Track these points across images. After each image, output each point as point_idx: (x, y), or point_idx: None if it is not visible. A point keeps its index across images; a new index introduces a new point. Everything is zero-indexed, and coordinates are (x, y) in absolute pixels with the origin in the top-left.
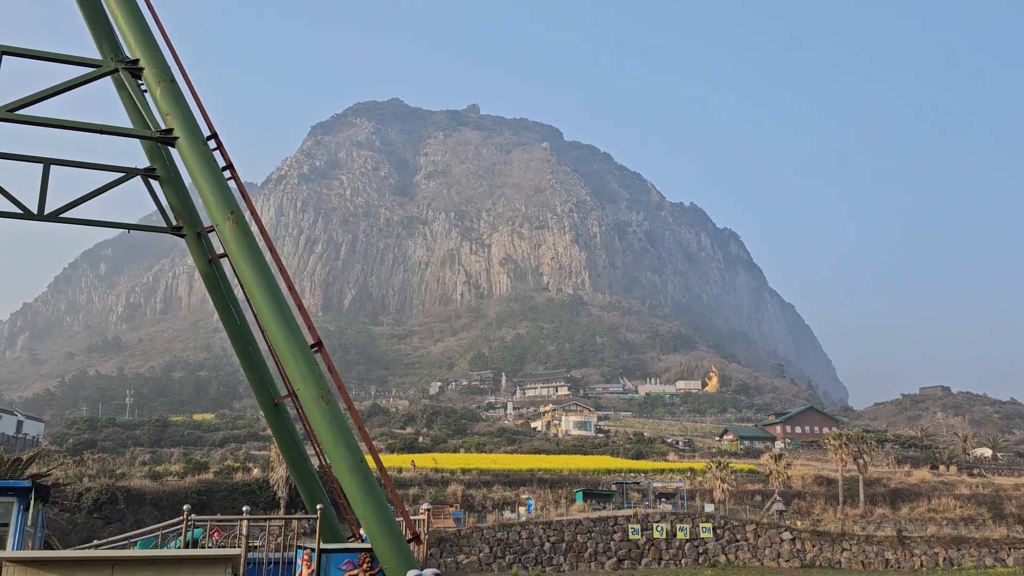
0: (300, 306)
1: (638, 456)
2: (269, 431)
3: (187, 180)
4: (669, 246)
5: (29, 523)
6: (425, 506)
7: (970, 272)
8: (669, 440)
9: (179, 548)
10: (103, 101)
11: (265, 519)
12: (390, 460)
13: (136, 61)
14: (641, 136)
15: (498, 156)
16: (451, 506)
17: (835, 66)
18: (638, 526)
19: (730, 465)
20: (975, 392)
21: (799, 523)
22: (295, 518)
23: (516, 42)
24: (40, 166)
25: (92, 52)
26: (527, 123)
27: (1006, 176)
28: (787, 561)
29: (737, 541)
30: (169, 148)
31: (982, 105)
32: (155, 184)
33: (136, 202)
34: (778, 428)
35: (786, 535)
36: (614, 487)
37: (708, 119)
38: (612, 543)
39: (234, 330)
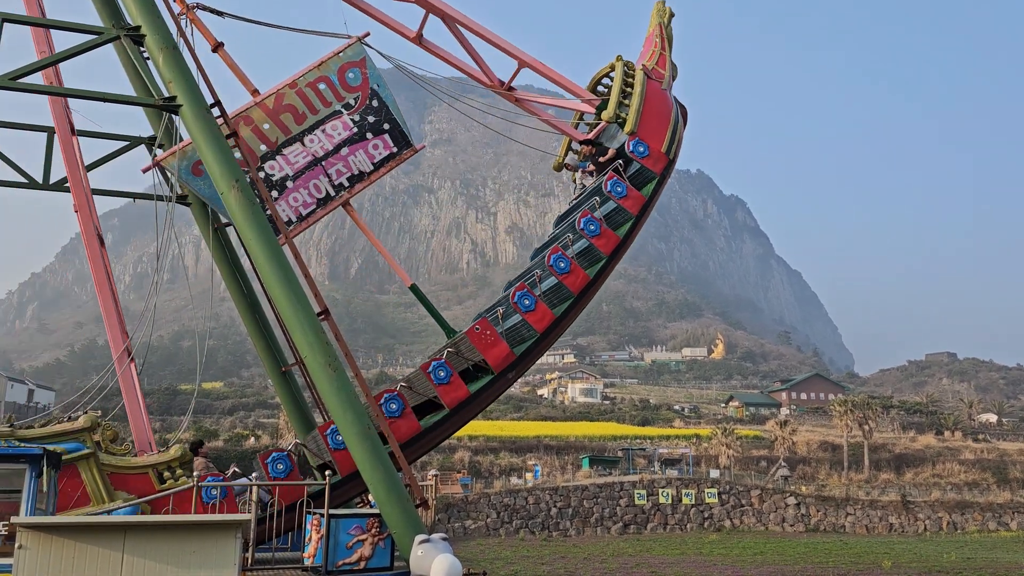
0: (306, 275)
1: (644, 423)
2: (277, 399)
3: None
4: (675, 213)
5: (42, 489)
6: (433, 472)
7: (977, 245)
8: (675, 407)
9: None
10: (107, 70)
11: (274, 485)
12: None
13: (138, 28)
14: None
15: (503, 123)
16: (458, 472)
17: (842, 37)
18: (644, 492)
19: (735, 431)
20: (981, 358)
21: (804, 488)
22: (304, 484)
23: (519, 6)
24: (44, 135)
25: (94, 19)
26: (532, 90)
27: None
28: (792, 526)
29: (742, 506)
30: (173, 116)
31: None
32: (159, 153)
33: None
34: (783, 395)
35: (791, 500)
36: (620, 453)
37: (715, 86)
38: (618, 508)
39: (241, 299)
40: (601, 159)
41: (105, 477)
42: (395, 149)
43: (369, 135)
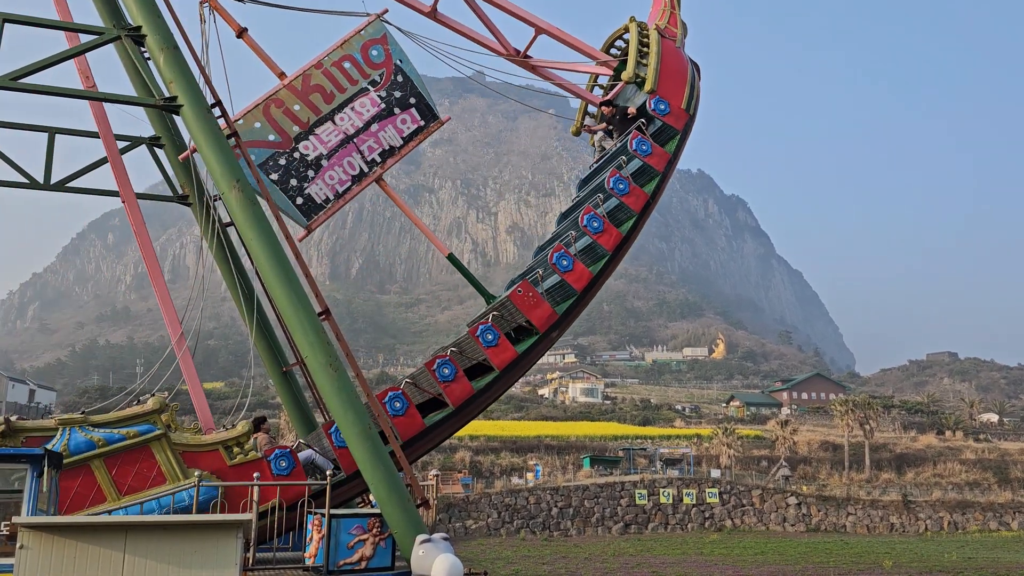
0: (307, 275)
1: (645, 423)
2: (278, 399)
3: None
4: (676, 213)
5: (43, 489)
6: (434, 472)
7: (978, 244)
8: (676, 407)
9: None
10: (109, 69)
11: (276, 485)
12: None
13: (138, 28)
14: None
15: (504, 123)
16: (459, 472)
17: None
18: (645, 492)
19: (736, 431)
20: (982, 358)
21: (805, 488)
22: (305, 484)
23: (520, 6)
24: (45, 135)
25: (95, 20)
26: (533, 90)
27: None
28: (792, 525)
29: (743, 506)
30: (173, 116)
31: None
32: (160, 153)
33: (142, 172)
34: (784, 395)
35: (792, 500)
36: (621, 453)
37: (715, 86)
38: (619, 508)
39: (242, 299)
40: (629, 113)
41: (178, 456)
42: (422, 122)
43: (397, 110)
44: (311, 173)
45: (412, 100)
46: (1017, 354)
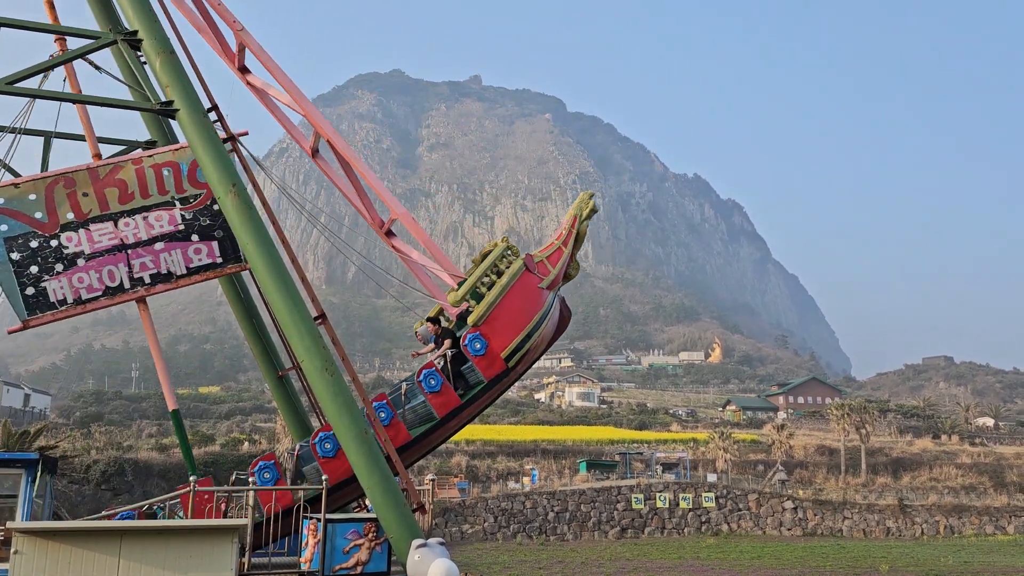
0: (303, 279)
1: (641, 427)
2: (274, 403)
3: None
4: (672, 217)
5: (37, 494)
6: (430, 476)
7: (974, 248)
8: (672, 411)
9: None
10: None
11: (272, 490)
12: None
13: (135, 32)
14: (645, 107)
15: (501, 127)
16: (456, 476)
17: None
18: (641, 496)
19: (733, 435)
20: (978, 362)
21: (801, 492)
22: (301, 488)
23: (518, 11)
24: (41, 139)
25: (91, 24)
26: (530, 94)
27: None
28: (789, 530)
29: (739, 510)
30: (170, 120)
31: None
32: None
33: None
34: (781, 399)
35: (788, 504)
36: (617, 457)
37: (714, 88)
38: (615, 513)
39: (238, 303)
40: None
41: None
42: (220, 259)
43: (195, 237)
44: (59, 268)
45: (218, 233)
46: (1013, 358)
